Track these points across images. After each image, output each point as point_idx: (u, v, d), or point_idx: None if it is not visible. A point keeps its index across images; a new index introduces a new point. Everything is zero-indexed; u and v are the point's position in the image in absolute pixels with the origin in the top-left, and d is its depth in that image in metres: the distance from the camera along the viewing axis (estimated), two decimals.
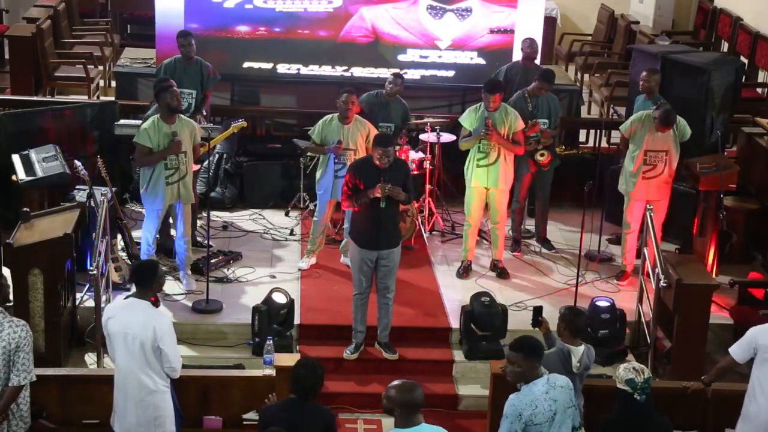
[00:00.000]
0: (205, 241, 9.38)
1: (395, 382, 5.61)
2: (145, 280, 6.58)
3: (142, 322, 6.44)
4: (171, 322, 6.67)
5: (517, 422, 5.93)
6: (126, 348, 6.48)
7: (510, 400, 6.04)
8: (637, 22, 14.32)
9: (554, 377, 6.11)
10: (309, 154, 10.20)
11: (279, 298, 8.61)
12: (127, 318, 6.49)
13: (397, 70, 10.91)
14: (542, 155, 9.99)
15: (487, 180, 9.51)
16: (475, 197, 9.59)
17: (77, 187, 9.50)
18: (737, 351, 6.86)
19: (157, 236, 9.26)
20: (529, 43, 10.92)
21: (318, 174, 9.61)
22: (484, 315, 8.66)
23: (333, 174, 9.43)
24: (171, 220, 9.43)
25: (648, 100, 9.99)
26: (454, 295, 9.42)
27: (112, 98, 11.71)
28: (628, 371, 6.18)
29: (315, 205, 9.88)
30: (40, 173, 9.36)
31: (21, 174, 9.37)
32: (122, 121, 10.47)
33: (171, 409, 6.64)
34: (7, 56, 12.92)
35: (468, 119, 9.50)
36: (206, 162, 9.64)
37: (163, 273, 6.92)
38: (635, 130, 9.49)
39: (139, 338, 6.43)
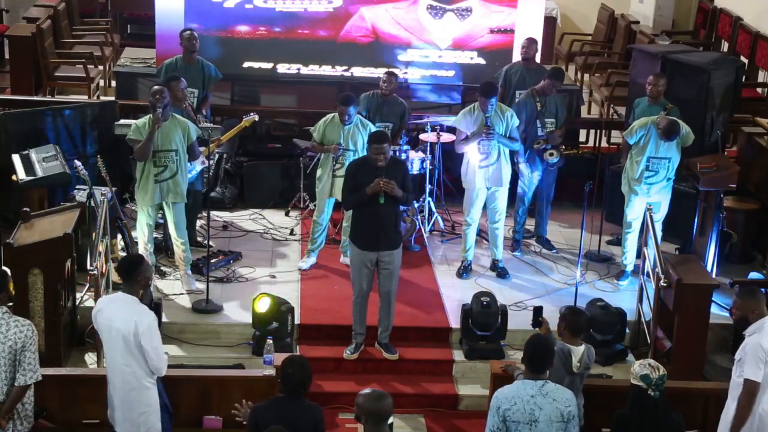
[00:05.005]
0: (205, 241, 9.38)
1: (365, 390, 5.60)
2: (130, 274, 6.55)
3: (125, 316, 6.42)
4: (155, 319, 6.55)
5: (496, 415, 5.97)
6: (110, 341, 6.47)
7: (495, 393, 6.10)
8: (637, 22, 14.31)
9: (554, 390, 6.04)
10: (309, 153, 10.18)
11: (263, 306, 8.50)
12: (111, 311, 6.49)
13: (392, 69, 10.88)
14: (551, 155, 9.98)
15: (490, 180, 9.50)
16: (476, 199, 9.58)
17: (77, 187, 9.50)
18: None
19: (157, 236, 9.25)
20: (526, 44, 10.90)
21: (318, 173, 9.63)
22: (482, 315, 8.65)
23: (332, 173, 9.45)
24: None
25: (654, 105, 9.85)
26: (454, 295, 9.42)
27: (112, 98, 11.70)
28: (643, 367, 6.18)
29: (315, 205, 9.88)
30: (40, 173, 9.35)
31: (21, 174, 9.37)
32: (122, 121, 10.42)
33: (157, 405, 6.60)
34: (7, 56, 12.91)
35: (463, 121, 9.47)
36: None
37: (149, 267, 6.86)
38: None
39: (122, 332, 6.41)
